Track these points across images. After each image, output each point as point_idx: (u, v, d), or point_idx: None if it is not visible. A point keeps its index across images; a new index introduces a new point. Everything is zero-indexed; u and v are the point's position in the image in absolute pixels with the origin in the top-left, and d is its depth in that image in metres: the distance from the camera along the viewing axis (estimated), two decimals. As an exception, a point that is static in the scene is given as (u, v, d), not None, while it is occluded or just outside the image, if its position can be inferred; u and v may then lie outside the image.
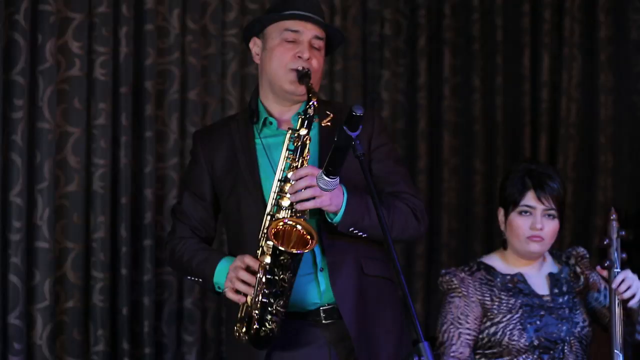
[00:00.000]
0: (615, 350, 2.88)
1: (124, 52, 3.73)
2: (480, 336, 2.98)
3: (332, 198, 2.45)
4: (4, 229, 3.41)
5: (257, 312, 2.44)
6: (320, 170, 2.38)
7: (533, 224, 2.97)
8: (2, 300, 3.39)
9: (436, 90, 4.76)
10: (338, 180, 2.39)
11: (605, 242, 2.94)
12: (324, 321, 2.58)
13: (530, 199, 2.98)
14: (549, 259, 3.14)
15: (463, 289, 2.99)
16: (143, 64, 3.82)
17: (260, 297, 2.43)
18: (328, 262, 2.56)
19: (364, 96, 4.60)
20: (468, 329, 2.97)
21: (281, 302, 2.44)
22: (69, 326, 3.62)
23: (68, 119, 3.63)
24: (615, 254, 2.92)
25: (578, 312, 3.03)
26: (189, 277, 2.71)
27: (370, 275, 2.62)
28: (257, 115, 2.70)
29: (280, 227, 2.46)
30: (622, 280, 2.89)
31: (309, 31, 2.63)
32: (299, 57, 2.61)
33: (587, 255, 3.17)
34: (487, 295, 3.00)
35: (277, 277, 2.41)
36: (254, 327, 2.46)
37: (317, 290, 2.57)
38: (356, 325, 2.56)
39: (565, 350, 2.97)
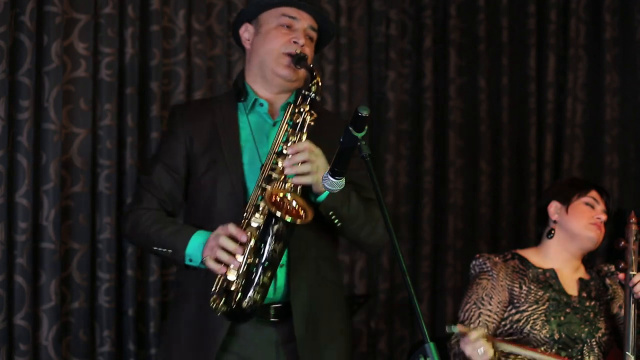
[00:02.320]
0: (627, 352, 2.87)
1: (130, 53, 3.74)
2: (503, 322, 3.02)
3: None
4: (10, 230, 3.40)
5: (241, 281, 2.38)
6: (326, 170, 2.37)
7: (597, 212, 3.13)
8: (7, 301, 3.39)
9: (442, 91, 4.76)
10: (344, 182, 2.39)
11: (621, 244, 2.97)
12: (272, 319, 2.57)
13: (595, 194, 3.16)
14: (582, 267, 3.20)
15: (494, 272, 3.05)
16: (149, 65, 3.81)
17: (247, 267, 2.39)
18: (290, 258, 2.56)
19: (370, 97, 4.60)
20: (489, 310, 3.00)
21: (269, 274, 2.39)
22: (74, 327, 3.61)
23: (74, 119, 3.63)
24: (632, 257, 2.94)
25: (602, 319, 3.06)
26: (154, 248, 2.62)
27: (325, 277, 2.64)
28: (245, 94, 2.71)
29: (279, 199, 2.44)
30: (639, 282, 2.92)
31: (305, 20, 2.69)
32: (294, 42, 2.64)
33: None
34: (517, 282, 3.05)
35: (268, 247, 2.38)
36: (236, 298, 2.39)
37: (272, 285, 2.53)
38: (304, 325, 2.55)
39: (584, 352, 2.98)
